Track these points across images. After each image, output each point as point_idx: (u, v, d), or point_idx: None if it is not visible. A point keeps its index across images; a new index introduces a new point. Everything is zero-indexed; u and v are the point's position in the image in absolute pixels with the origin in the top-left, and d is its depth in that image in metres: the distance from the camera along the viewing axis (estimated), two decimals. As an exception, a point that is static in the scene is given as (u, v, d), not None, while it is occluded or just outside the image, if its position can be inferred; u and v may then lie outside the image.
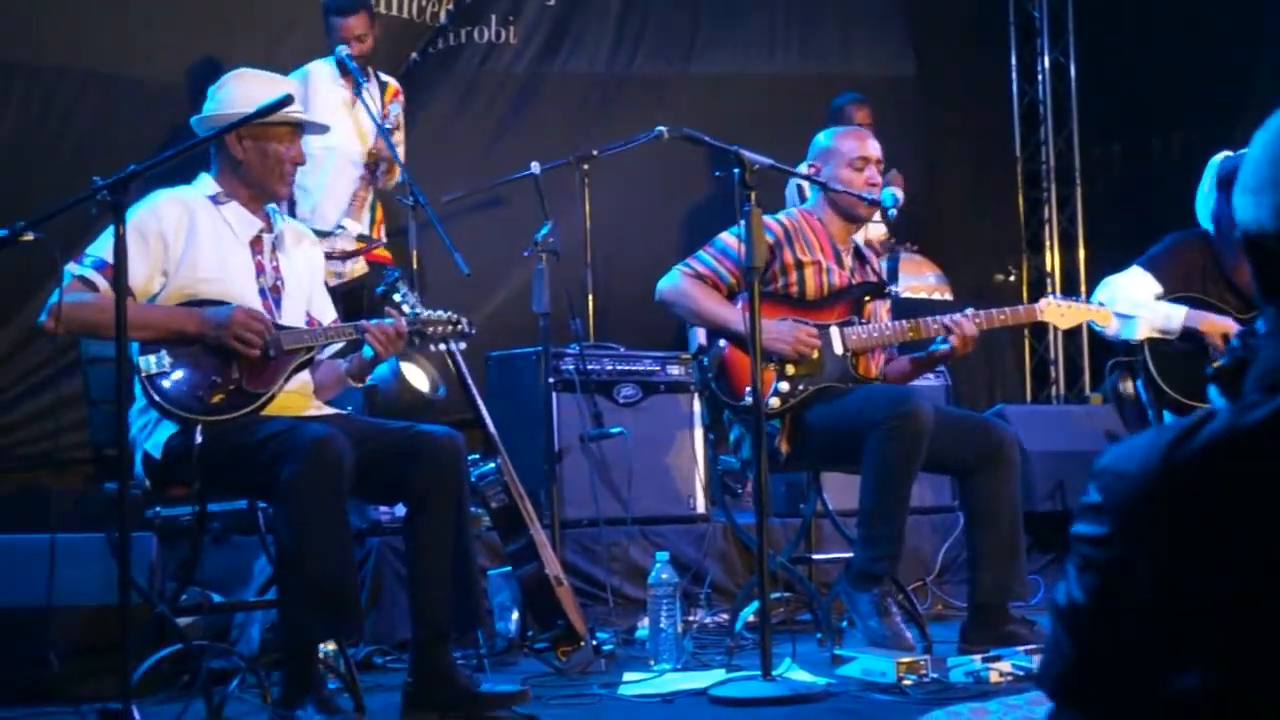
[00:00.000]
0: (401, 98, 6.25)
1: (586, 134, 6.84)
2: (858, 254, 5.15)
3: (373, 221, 6.25)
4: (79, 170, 6.04)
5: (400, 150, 6.15)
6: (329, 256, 5.29)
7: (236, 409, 3.79)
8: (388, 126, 6.08)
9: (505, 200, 6.71)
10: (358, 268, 6.12)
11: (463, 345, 4.26)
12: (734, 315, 4.84)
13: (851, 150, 4.99)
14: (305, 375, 4.01)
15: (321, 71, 6.16)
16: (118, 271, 3.39)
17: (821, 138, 5.13)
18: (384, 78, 6.20)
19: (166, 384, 3.76)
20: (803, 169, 5.08)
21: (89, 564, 4.22)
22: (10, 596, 4.21)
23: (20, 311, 6.12)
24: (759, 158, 4.34)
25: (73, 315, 3.69)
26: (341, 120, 5.93)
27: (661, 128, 4.83)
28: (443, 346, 4.18)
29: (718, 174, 4.55)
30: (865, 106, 7.44)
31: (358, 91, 6.05)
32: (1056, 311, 5.04)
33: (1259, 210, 1.57)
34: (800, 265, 4.95)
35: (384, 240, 6.33)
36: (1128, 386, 5.68)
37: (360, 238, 6.09)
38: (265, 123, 3.86)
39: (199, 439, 3.71)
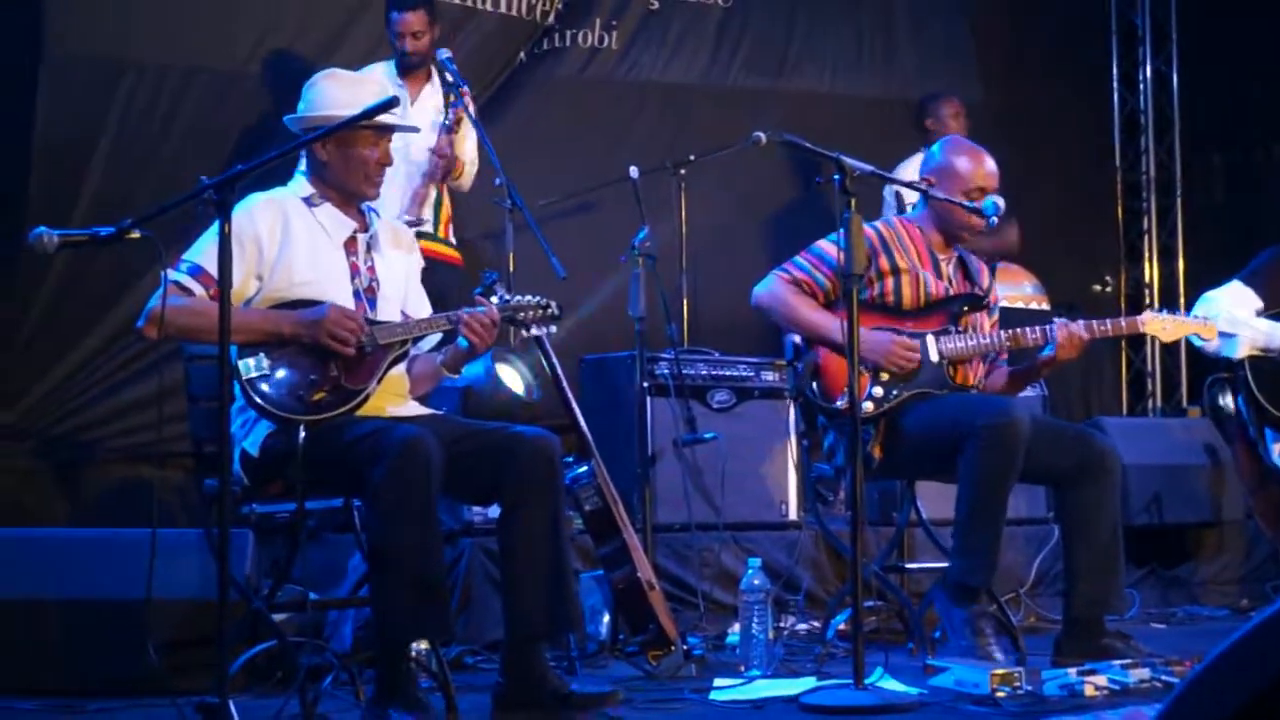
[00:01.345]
0: (469, 97, 6.23)
1: (680, 142, 6.83)
2: (961, 264, 5.10)
3: (437, 220, 6.27)
4: (183, 165, 6.19)
5: (466, 145, 6.19)
6: None
7: (336, 407, 3.81)
8: (447, 122, 6.11)
9: (599, 205, 6.71)
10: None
11: (553, 329, 4.24)
12: (830, 322, 4.82)
13: (972, 178, 4.91)
14: (400, 370, 4.02)
15: (380, 71, 6.18)
16: (222, 269, 3.41)
17: (944, 154, 5.04)
18: (445, 77, 6.19)
19: (266, 386, 3.78)
20: (907, 174, 5.05)
21: (188, 558, 4.26)
22: (110, 588, 4.26)
23: (120, 302, 6.19)
24: (860, 164, 4.31)
25: (171, 320, 3.69)
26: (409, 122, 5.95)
27: (760, 133, 4.83)
28: (534, 331, 4.17)
29: (818, 181, 4.54)
30: (958, 101, 7.43)
31: (456, 94, 6.05)
32: (1159, 324, 4.98)
33: None
34: (897, 272, 4.92)
35: (451, 239, 6.35)
36: (1228, 402, 5.62)
37: (420, 235, 6.10)
38: (348, 129, 3.88)
39: (302, 438, 3.73)
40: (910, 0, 8.54)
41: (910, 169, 6.70)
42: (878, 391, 4.77)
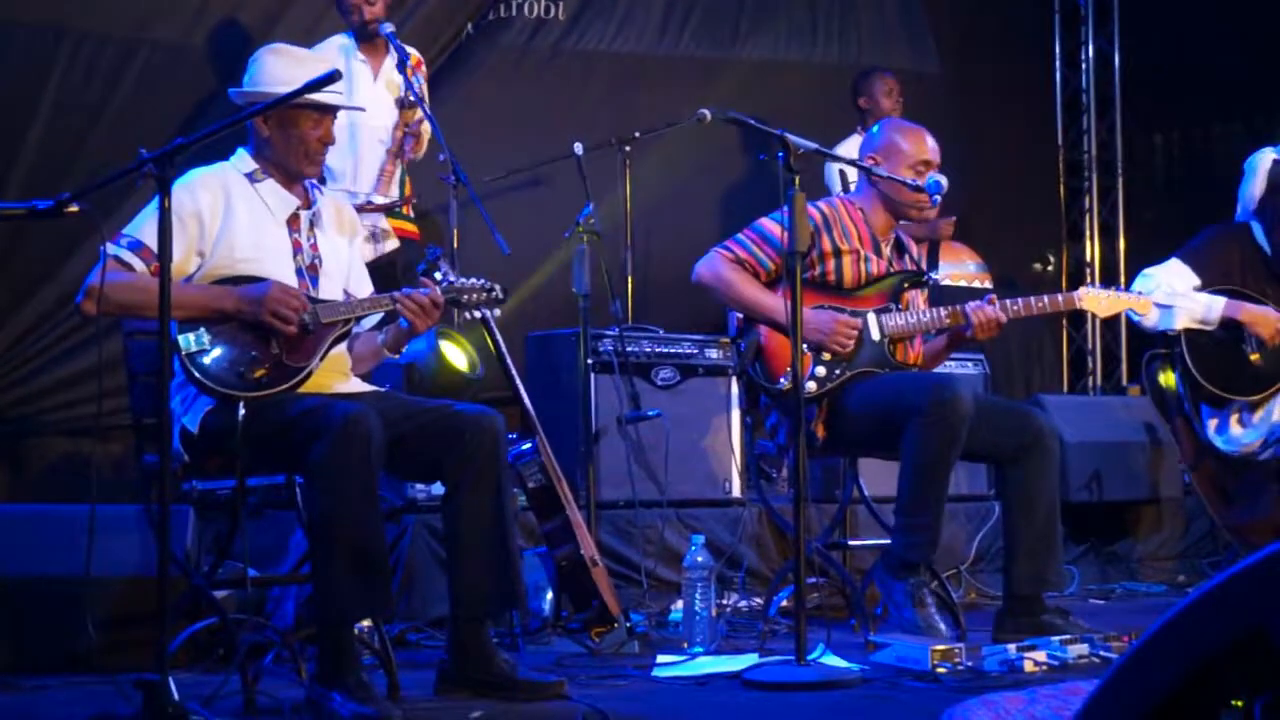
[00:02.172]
0: (424, 69, 6.20)
1: (631, 114, 6.82)
2: (897, 244, 5.13)
3: (401, 195, 6.25)
4: (122, 138, 6.15)
5: (422, 125, 6.14)
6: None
7: (278, 384, 3.78)
8: (411, 99, 6.05)
9: (546, 180, 6.71)
10: (390, 244, 6.10)
11: (497, 312, 4.25)
12: (773, 302, 4.82)
13: (915, 153, 4.96)
14: (341, 349, 4.00)
15: (340, 45, 6.14)
16: (162, 243, 3.38)
17: (884, 134, 5.07)
18: (407, 48, 6.14)
19: (206, 361, 3.76)
20: (845, 152, 5.06)
21: (128, 535, 4.26)
22: (49, 564, 4.25)
23: (57, 276, 6.16)
24: (804, 142, 4.31)
25: (111, 296, 3.67)
26: (364, 95, 5.91)
27: (705, 110, 4.84)
28: (477, 314, 4.16)
29: (762, 157, 4.53)
30: (893, 77, 7.45)
31: (408, 67, 6.01)
32: (1095, 300, 5.04)
33: None
34: (838, 253, 4.94)
35: (410, 214, 6.32)
36: (1166, 379, 5.67)
37: (388, 208, 6.07)
38: (290, 106, 3.86)
39: (242, 414, 3.72)
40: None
41: (848, 147, 6.73)
42: (820, 371, 4.79)
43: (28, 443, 6.24)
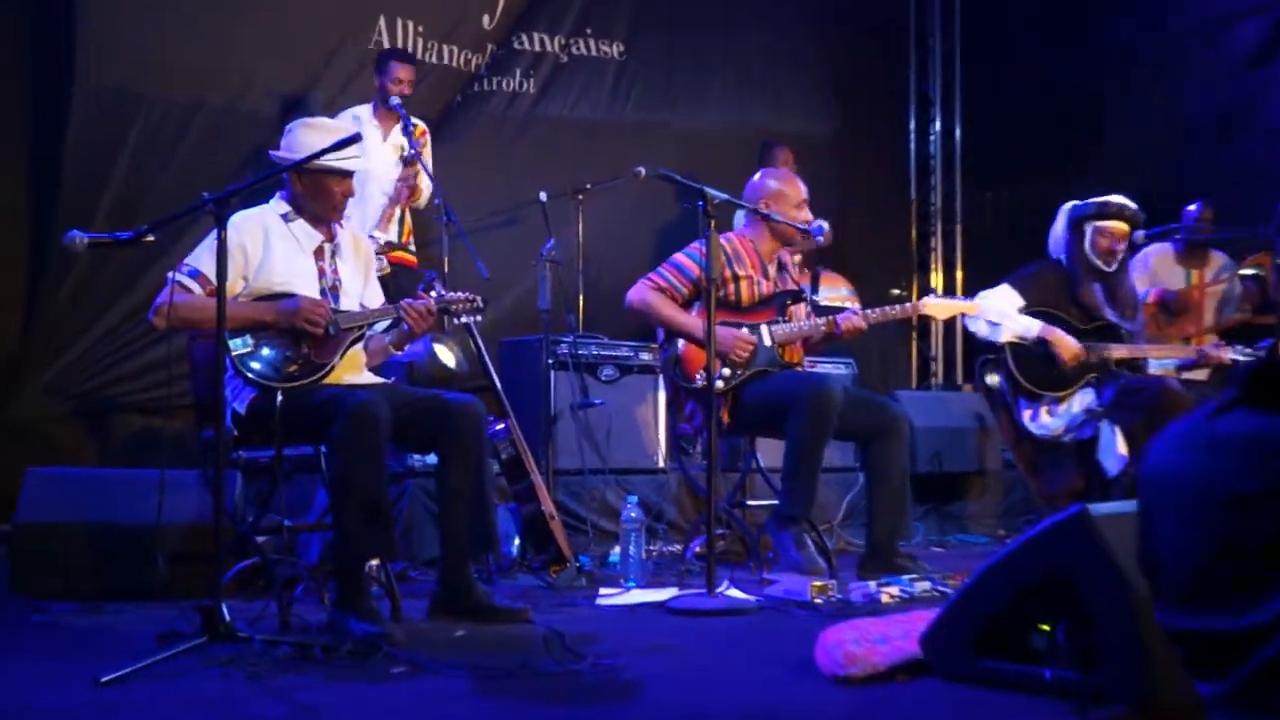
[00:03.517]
0: (427, 137, 6.20)
1: (584, 169, 6.78)
2: (780, 267, 5.16)
3: (400, 232, 6.23)
4: (186, 182, 6.12)
5: (422, 178, 6.14)
6: None
7: (306, 377, 3.79)
8: (410, 156, 6.05)
9: (518, 220, 6.70)
10: (384, 268, 6.08)
11: (478, 318, 4.24)
12: (689, 321, 4.86)
13: (795, 196, 5.02)
14: (358, 348, 4.00)
15: (360, 114, 6.13)
16: (219, 267, 3.40)
17: (770, 182, 5.08)
18: (414, 120, 6.15)
19: (252, 360, 3.77)
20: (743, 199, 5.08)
21: (189, 492, 4.24)
22: (129, 515, 4.22)
23: (134, 288, 6.12)
24: (718, 193, 4.34)
25: (176, 314, 3.70)
26: (374, 153, 5.90)
27: (640, 168, 4.81)
28: (463, 319, 4.18)
29: (685, 205, 4.55)
30: (788, 149, 7.47)
31: (413, 135, 6.02)
32: (935, 306, 5.16)
33: None
34: (737, 278, 4.96)
35: (411, 246, 6.30)
36: (992, 378, 5.72)
37: (387, 244, 6.04)
38: (319, 169, 3.88)
39: (279, 400, 3.72)
40: (768, 56, 8.51)
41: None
42: (726, 372, 4.80)
43: (112, 419, 6.17)
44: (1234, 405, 1.65)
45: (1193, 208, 6.48)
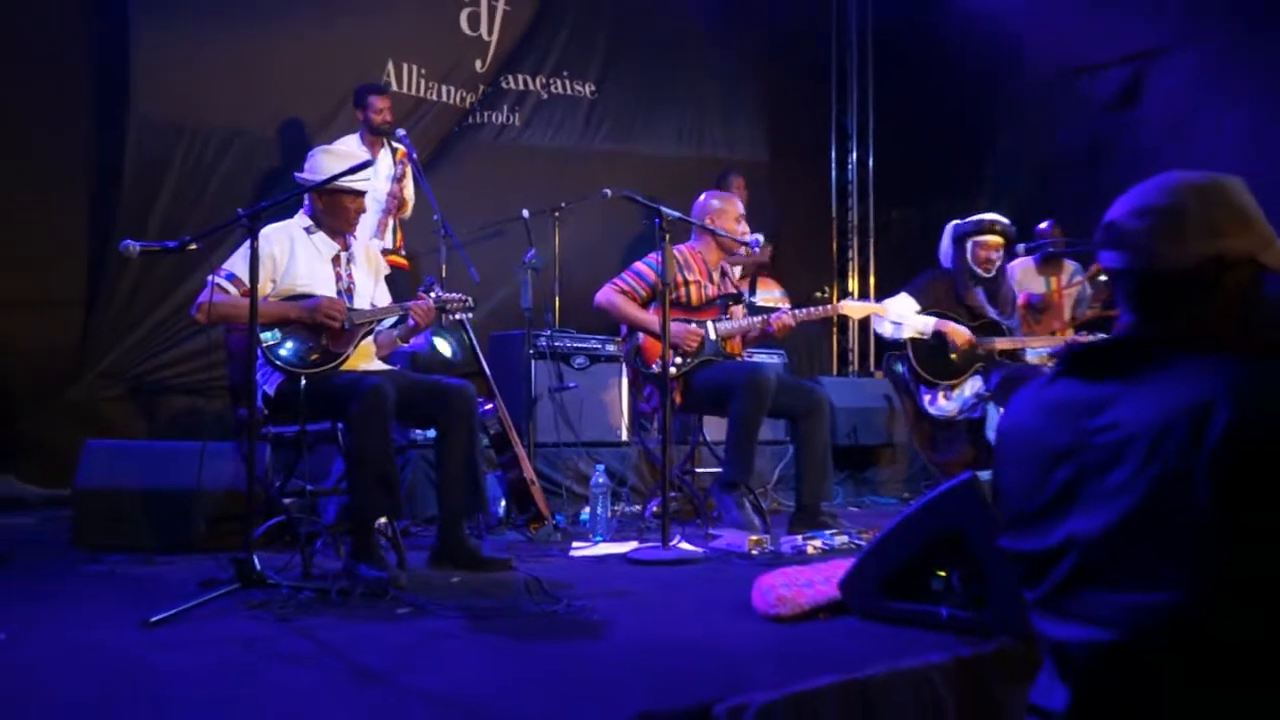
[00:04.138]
0: (407, 155, 6.17)
1: (560, 190, 6.76)
2: (723, 274, 5.17)
3: (394, 240, 6.20)
4: (223, 199, 6.08)
5: (409, 190, 6.12)
6: None
7: (325, 364, 3.78)
8: (396, 174, 6.03)
9: (505, 233, 6.68)
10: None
11: (470, 315, 4.24)
12: (647, 317, 4.88)
13: (734, 212, 5.04)
14: (369, 340, 3.99)
15: (352, 141, 6.08)
16: (252, 271, 3.37)
17: (713, 202, 5.10)
18: (394, 143, 6.12)
19: (280, 349, 3.75)
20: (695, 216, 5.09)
21: (226, 461, 4.21)
22: (175, 480, 4.20)
23: (178, 289, 6.10)
24: (672, 212, 4.36)
25: (215, 311, 3.70)
26: (367, 172, 5.88)
27: (607, 190, 4.82)
28: (457, 316, 4.17)
29: (645, 221, 4.56)
30: (740, 175, 7.50)
31: (396, 156, 5.99)
32: (851, 308, 5.24)
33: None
34: (688, 283, 4.98)
35: (403, 251, 6.27)
36: (898, 368, 5.76)
37: (385, 250, 6.02)
38: (336, 189, 3.88)
39: (303, 384, 3.70)
40: (716, 97, 8.51)
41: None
42: (679, 360, 4.83)
43: (160, 399, 6.13)
44: (1059, 377, 1.69)
45: (1044, 225, 6.70)
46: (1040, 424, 1.66)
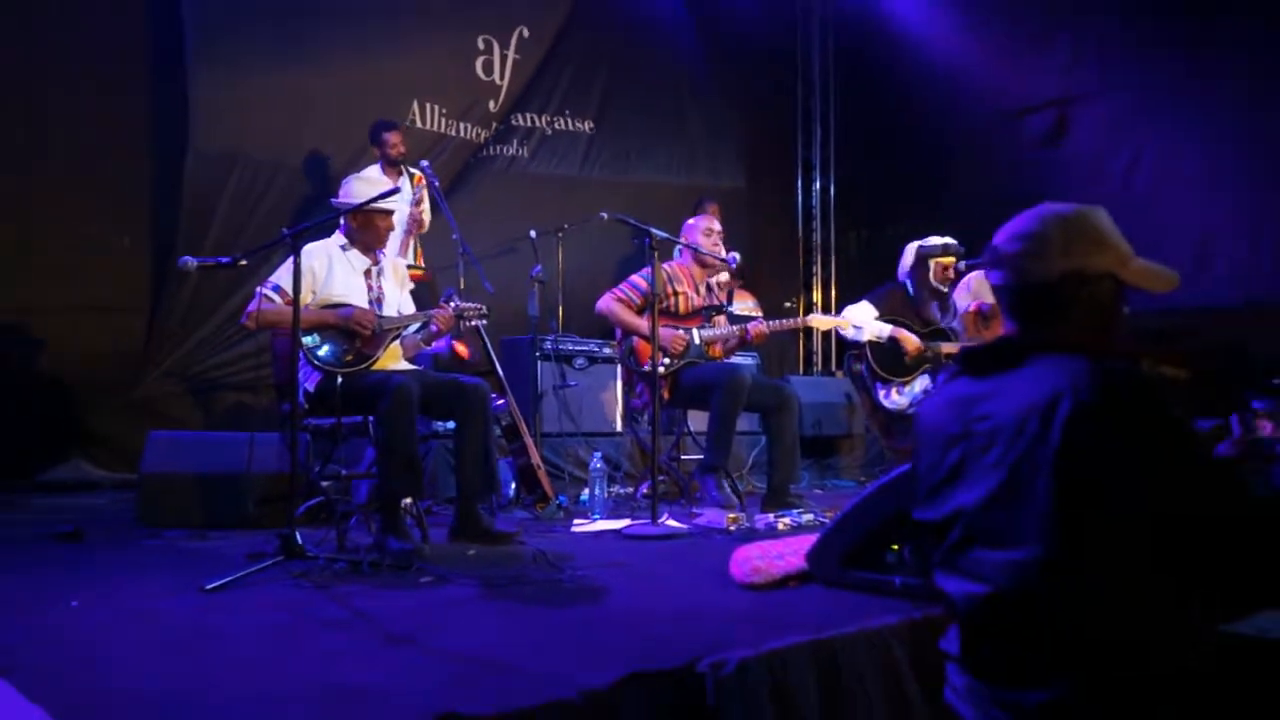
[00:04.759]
0: (424, 181, 6.14)
1: (564, 213, 6.76)
2: (709, 288, 5.17)
3: (414, 255, 6.19)
4: (269, 221, 6.07)
5: (425, 213, 6.09)
6: None
7: (358, 364, 3.77)
8: (414, 198, 6.00)
9: (515, 250, 6.67)
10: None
11: (485, 323, 4.22)
12: (639, 323, 4.86)
13: (711, 227, 5.06)
14: (396, 344, 3.98)
15: (374, 171, 6.05)
16: (295, 284, 3.36)
17: (693, 222, 5.15)
18: (411, 169, 6.10)
19: (319, 351, 3.73)
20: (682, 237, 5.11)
21: (272, 449, 4.19)
22: (228, 466, 4.19)
23: (231, 299, 6.08)
24: (660, 233, 4.34)
25: (262, 318, 3.69)
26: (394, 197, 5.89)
27: (604, 213, 4.82)
28: (474, 323, 4.15)
29: (636, 241, 4.56)
30: (715, 201, 7.49)
31: (413, 181, 5.99)
32: (817, 321, 5.27)
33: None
34: (676, 294, 4.98)
35: (423, 265, 6.25)
36: (857, 367, 5.75)
37: (409, 266, 6.00)
38: (369, 210, 3.87)
39: (339, 382, 3.68)
40: (704, 126, 8.50)
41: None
42: (667, 361, 4.82)
43: (214, 395, 6.12)
44: (957, 375, 1.76)
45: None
46: (940, 415, 1.73)
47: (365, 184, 3.95)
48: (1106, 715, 1.50)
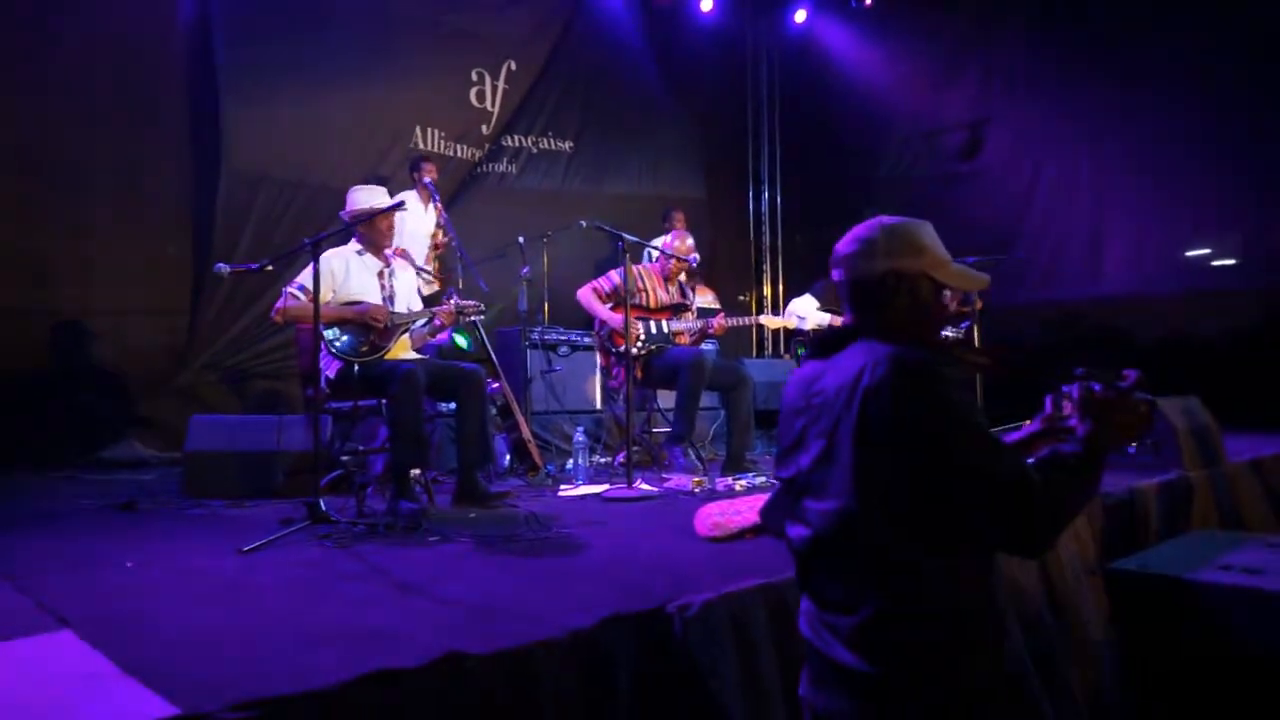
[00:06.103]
0: (442, 210, 6.10)
1: (548, 221, 6.73)
2: (680, 288, 5.18)
3: (433, 268, 6.16)
4: (293, 232, 6.01)
5: (441, 235, 6.08)
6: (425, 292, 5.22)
7: (373, 354, 3.75)
8: (440, 223, 5.98)
9: (506, 254, 6.63)
10: (431, 289, 6.01)
11: (482, 318, 4.21)
12: (609, 314, 4.87)
13: (684, 245, 5.07)
14: (405, 337, 3.95)
15: (410, 195, 6.01)
16: (316, 285, 3.34)
17: (671, 235, 5.18)
18: (437, 201, 6.08)
19: (338, 343, 3.71)
20: (658, 242, 5.13)
21: (298, 429, 4.16)
22: (259, 445, 4.15)
23: (261, 299, 6.00)
24: (631, 237, 4.35)
25: (289, 314, 3.66)
26: (419, 219, 5.85)
27: (583, 221, 4.81)
28: (471, 317, 4.14)
29: (611, 244, 4.55)
30: (681, 210, 7.48)
31: (435, 200, 5.94)
32: (768, 320, 5.32)
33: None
34: (647, 290, 4.97)
35: (440, 276, 6.23)
36: (800, 350, 5.79)
37: (425, 272, 5.96)
38: (370, 213, 3.86)
39: (356, 370, 3.67)
40: (669, 144, 8.47)
41: (657, 241, 6.78)
42: (638, 345, 4.83)
43: (247, 383, 6.06)
44: (809, 357, 1.82)
45: None
46: (793, 390, 1.80)
47: (365, 192, 3.95)
48: (895, 643, 1.59)
